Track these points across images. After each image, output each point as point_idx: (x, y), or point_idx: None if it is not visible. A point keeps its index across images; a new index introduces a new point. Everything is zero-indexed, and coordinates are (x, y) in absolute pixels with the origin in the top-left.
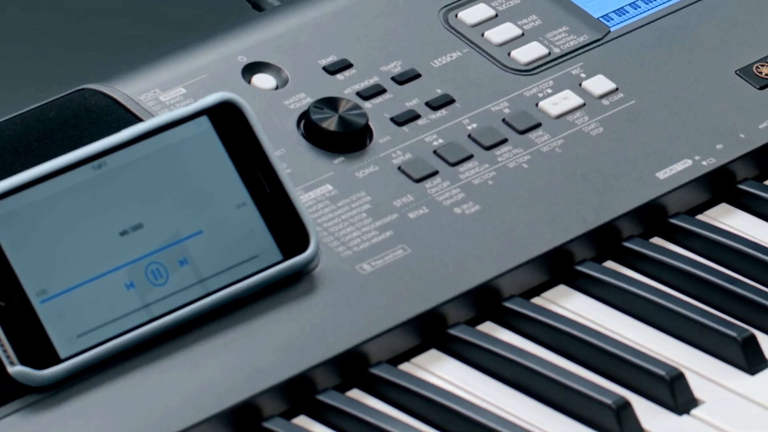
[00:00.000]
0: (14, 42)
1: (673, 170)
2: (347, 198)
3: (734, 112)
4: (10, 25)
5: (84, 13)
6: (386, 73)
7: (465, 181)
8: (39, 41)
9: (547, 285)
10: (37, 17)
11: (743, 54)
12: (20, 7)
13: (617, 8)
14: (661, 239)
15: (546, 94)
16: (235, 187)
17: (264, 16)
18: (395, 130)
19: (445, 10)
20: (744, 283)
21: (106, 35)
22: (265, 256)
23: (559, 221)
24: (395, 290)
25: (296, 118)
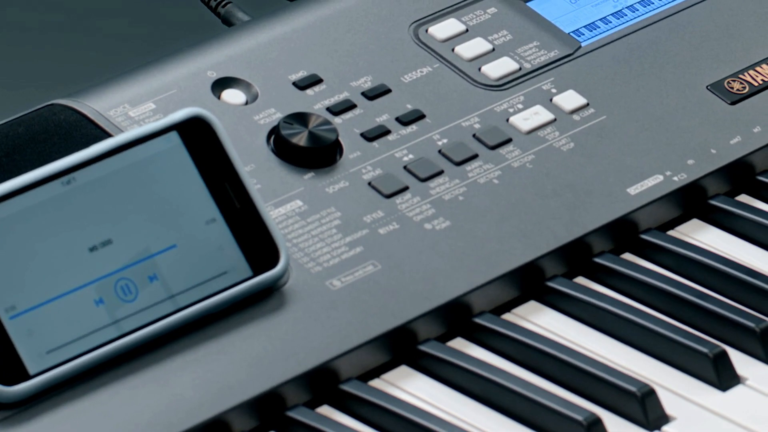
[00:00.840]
0: (14, 42)
1: (644, 186)
2: (317, 214)
3: (705, 128)
4: (10, 25)
5: (84, 13)
6: (356, 88)
7: (435, 196)
8: (39, 41)
9: (518, 301)
10: (37, 17)
11: (714, 69)
12: (20, 7)
13: (588, 23)
14: (632, 255)
15: (517, 110)
16: (205, 203)
17: (233, 31)
18: (365, 146)
19: (415, 25)
20: (715, 299)
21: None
22: (234, 272)
23: (529, 237)
24: (365, 306)
25: (266, 134)
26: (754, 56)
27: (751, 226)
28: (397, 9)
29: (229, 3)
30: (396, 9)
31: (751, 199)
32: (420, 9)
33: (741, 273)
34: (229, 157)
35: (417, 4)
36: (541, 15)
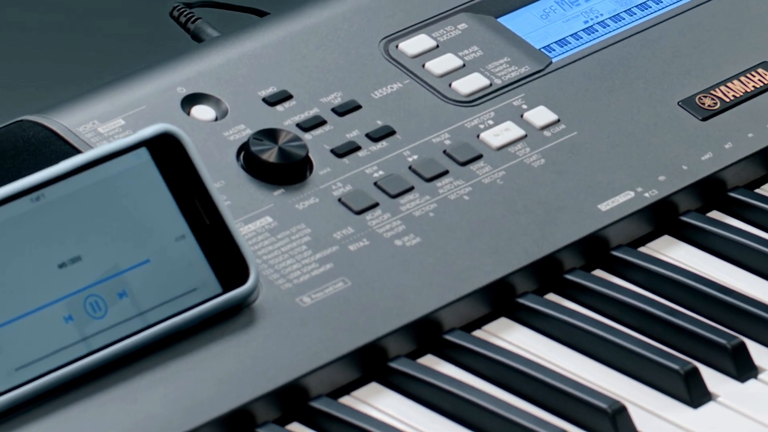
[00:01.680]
0: (14, 42)
1: (615, 202)
2: (287, 230)
3: (677, 144)
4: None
5: (84, 13)
6: (326, 104)
7: (406, 213)
8: (39, 41)
9: (489, 318)
10: (37, 17)
11: (686, 85)
12: (20, 7)
13: (559, 39)
14: (603, 271)
15: (487, 126)
16: (175, 219)
17: (203, 47)
18: (335, 162)
19: (385, 41)
20: (686, 316)
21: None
22: (204, 288)
23: (500, 253)
24: (335, 323)
25: (236, 150)
26: (726, 72)
27: (723, 242)
28: (367, 25)
29: (199, 19)
30: (366, 25)
31: (722, 215)
32: (390, 25)
33: (712, 289)
34: (198, 173)
35: (387, 20)
36: (512, 31)
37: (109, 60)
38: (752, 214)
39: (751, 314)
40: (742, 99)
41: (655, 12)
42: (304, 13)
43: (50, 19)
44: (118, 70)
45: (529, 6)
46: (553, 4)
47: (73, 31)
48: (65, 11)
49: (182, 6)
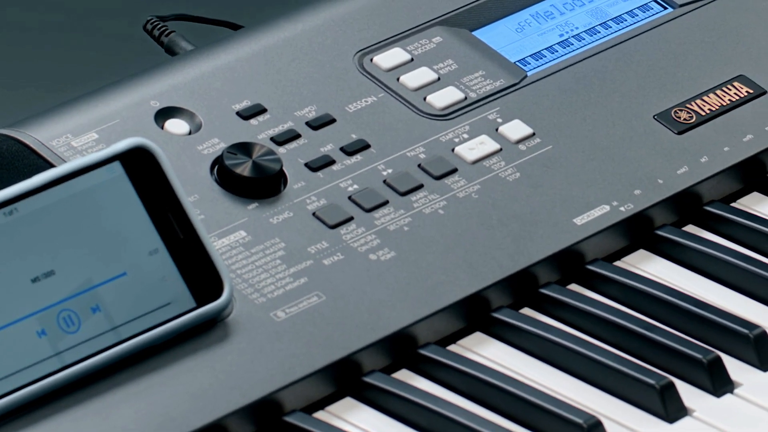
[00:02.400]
0: (14, 42)
1: (590, 216)
2: (261, 244)
3: (652, 158)
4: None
5: (84, 13)
6: (301, 118)
7: (380, 227)
8: (39, 41)
9: (464, 332)
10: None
11: (661, 99)
12: (20, 7)
13: (534, 53)
14: (579, 286)
15: (462, 139)
16: (148, 234)
17: (177, 60)
18: (310, 176)
19: (360, 55)
20: (662, 330)
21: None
22: (178, 303)
23: (475, 268)
24: (310, 337)
25: (210, 164)
26: (701, 85)
27: (699, 256)
28: (341, 38)
29: (173, 32)
30: (340, 38)
31: (698, 229)
32: (365, 38)
33: (688, 304)
34: (172, 187)
35: (362, 34)
36: (487, 44)
37: (109, 60)
38: (728, 228)
39: (727, 329)
40: (718, 112)
41: (630, 25)
42: (279, 27)
43: (50, 19)
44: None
45: (504, 19)
46: (528, 17)
47: (73, 31)
48: (65, 11)
49: (156, 19)
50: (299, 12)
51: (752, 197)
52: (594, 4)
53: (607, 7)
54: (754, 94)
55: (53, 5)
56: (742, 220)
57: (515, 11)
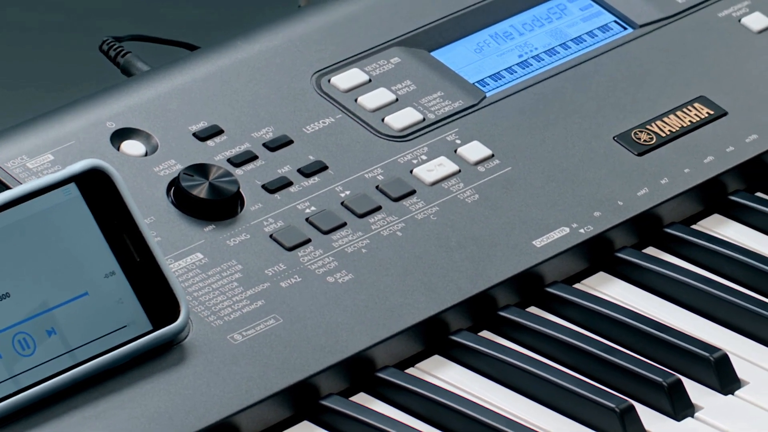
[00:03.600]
0: (14, 42)
1: (550, 238)
2: (218, 267)
3: (612, 179)
4: (10, 25)
5: (84, 13)
6: (258, 139)
7: (338, 249)
8: (39, 41)
9: (422, 355)
10: (37, 17)
11: (621, 120)
12: (20, 7)
13: (493, 73)
14: (538, 308)
15: (420, 161)
16: (104, 256)
17: (133, 81)
18: (267, 198)
19: (317, 75)
20: (622, 353)
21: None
22: (134, 325)
23: (433, 290)
24: (267, 361)
25: (166, 186)
26: (662, 107)
27: (659, 279)
28: (299, 59)
29: (129, 53)
30: (298, 59)
31: (658, 251)
32: (322, 59)
33: (648, 327)
34: (128, 209)
35: (319, 54)
36: (446, 65)
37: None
38: (688, 250)
39: (687, 352)
40: (678, 134)
41: (590, 46)
42: (235, 47)
43: (50, 19)
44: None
45: (462, 40)
46: (487, 38)
47: (73, 31)
48: (65, 11)
49: (111, 40)
50: (256, 32)
51: (713, 219)
52: (553, 25)
53: (566, 28)
54: (715, 115)
55: (53, 5)
56: (703, 243)
57: (474, 31)
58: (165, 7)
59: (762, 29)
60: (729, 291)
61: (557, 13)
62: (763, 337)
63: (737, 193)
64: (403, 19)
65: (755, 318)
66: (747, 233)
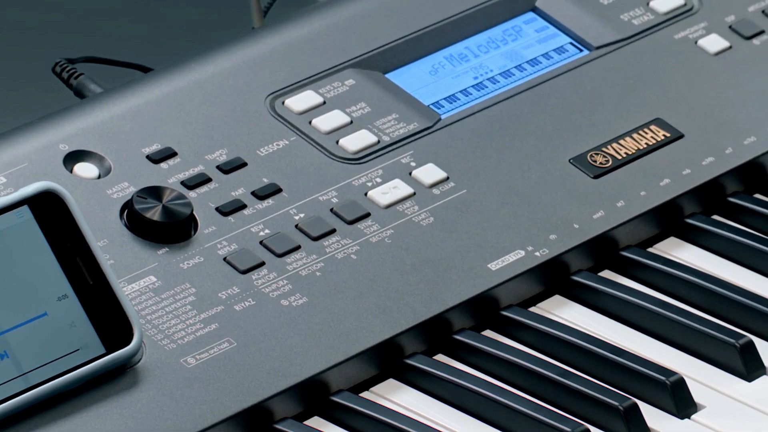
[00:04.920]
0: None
1: (505, 261)
2: (171, 290)
3: (568, 202)
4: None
5: (84, 13)
6: (211, 161)
7: (292, 272)
8: (39, 41)
9: (377, 379)
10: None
11: (577, 142)
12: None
13: (448, 95)
14: (493, 332)
15: (375, 184)
16: (57, 279)
17: (86, 103)
18: (221, 221)
19: (271, 98)
20: (578, 377)
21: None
22: (87, 349)
23: (388, 313)
24: (221, 384)
25: (119, 208)
26: (618, 129)
27: (615, 302)
28: (253, 81)
29: (82, 75)
30: (252, 81)
31: (614, 274)
32: (276, 81)
33: (604, 350)
34: (81, 232)
35: (273, 76)
36: (400, 87)
37: None
38: (644, 273)
39: (643, 375)
40: (634, 156)
41: (545, 68)
42: (189, 69)
43: (50, 19)
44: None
45: (417, 62)
46: (442, 59)
47: (73, 31)
48: (65, 11)
49: (64, 62)
50: (210, 54)
51: (669, 242)
52: (509, 47)
53: (522, 50)
54: (671, 137)
55: (53, 5)
56: (659, 266)
57: (429, 53)
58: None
59: (719, 51)
60: (685, 314)
61: (513, 35)
62: (719, 360)
63: (694, 216)
64: (358, 41)
65: (712, 341)
66: (703, 256)
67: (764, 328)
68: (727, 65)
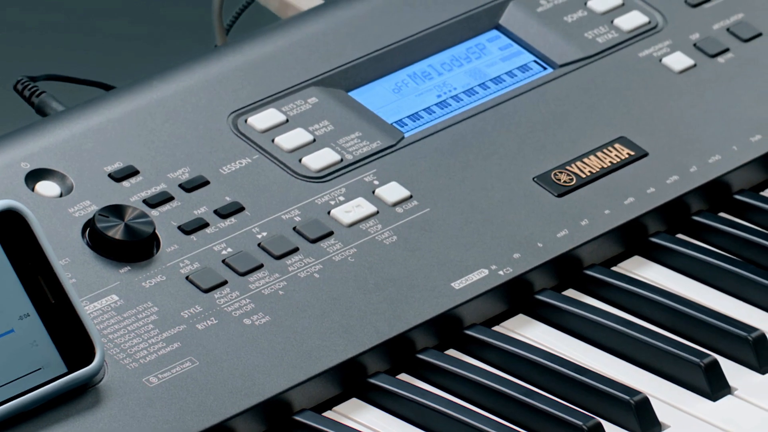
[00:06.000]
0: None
1: (468, 280)
2: (134, 309)
3: (532, 221)
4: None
5: (84, 13)
6: (174, 180)
7: (255, 291)
8: (39, 41)
9: (340, 398)
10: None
11: (541, 161)
12: (20, 7)
13: (411, 114)
14: (457, 351)
15: (338, 202)
16: (19, 298)
17: (48, 121)
18: (183, 239)
19: (234, 116)
20: (542, 396)
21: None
22: (49, 368)
23: (351, 333)
24: (183, 403)
25: (81, 227)
26: (582, 147)
27: (579, 321)
28: (215, 99)
29: (43, 92)
30: (214, 99)
31: (578, 293)
32: (239, 99)
33: (568, 369)
34: (43, 250)
35: (236, 94)
36: (363, 105)
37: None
38: (608, 292)
39: (607, 395)
40: (598, 175)
41: (509, 86)
42: (151, 87)
43: (50, 19)
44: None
45: (380, 80)
46: (406, 77)
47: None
48: (65, 11)
49: (26, 79)
50: (172, 72)
51: (633, 261)
52: (473, 65)
53: (486, 68)
54: (635, 156)
55: (53, 5)
56: (623, 285)
57: (392, 71)
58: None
59: (683, 69)
60: (650, 333)
61: (476, 53)
62: (684, 379)
63: (658, 235)
64: (321, 59)
65: (676, 361)
66: (668, 275)
67: (729, 347)
68: (691, 83)
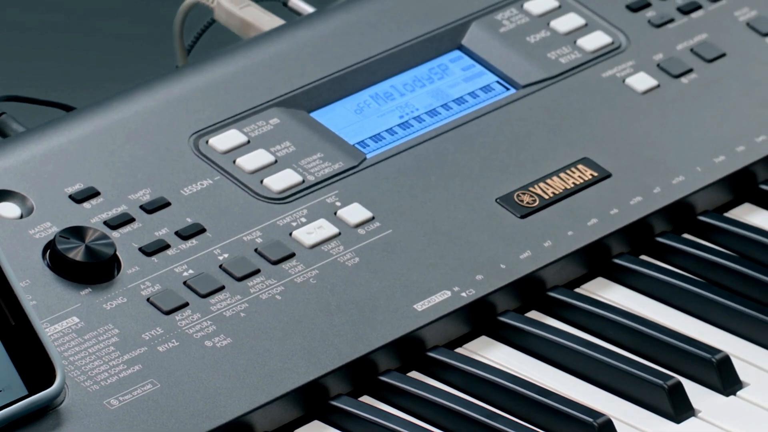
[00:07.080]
0: (14, 42)
1: (431, 302)
2: (94, 330)
3: (495, 242)
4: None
5: (84, 13)
6: (135, 201)
7: (216, 313)
8: (39, 41)
9: (302, 420)
10: (37, 17)
11: (504, 182)
12: (20, 7)
13: (373, 134)
14: (419, 373)
15: (300, 223)
16: None
17: (8, 142)
18: (144, 261)
19: (195, 137)
20: (505, 419)
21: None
22: (9, 390)
23: (313, 354)
24: (144, 426)
25: (42, 248)
26: (545, 168)
27: (542, 343)
28: (176, 120)
29: (3, 114)
30: (175, 120)
31: (541, 315)
32: (200, 120)
33: (531, 392)
34: (3, 272)
35: (197, 115)
36: (325, 126)
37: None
38: (572, 314)
39: (570, 417)
40: (561, 196)
41: (472, 107)
42: (112, 108)
43: (50, 19)
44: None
45: (342, 100)
46: (368, 98)
47: (73, 31)
48: (65, 11)
49: None
50: (133, 93)
51: (597, 282)
52: (435, 85)
53: (448, 88)
54: (599, 177)
55: (53, 5)
56: (587, 306)
57: (354, 92)
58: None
59: (647, 90)
60: (613, 355)
61: (438, 74)
62: (647, 401)
63: (621, 256)
64: (282, 80)
65: (640, 383)
66: (631, 297)
67: (692, 369)
68: (655, 104)
